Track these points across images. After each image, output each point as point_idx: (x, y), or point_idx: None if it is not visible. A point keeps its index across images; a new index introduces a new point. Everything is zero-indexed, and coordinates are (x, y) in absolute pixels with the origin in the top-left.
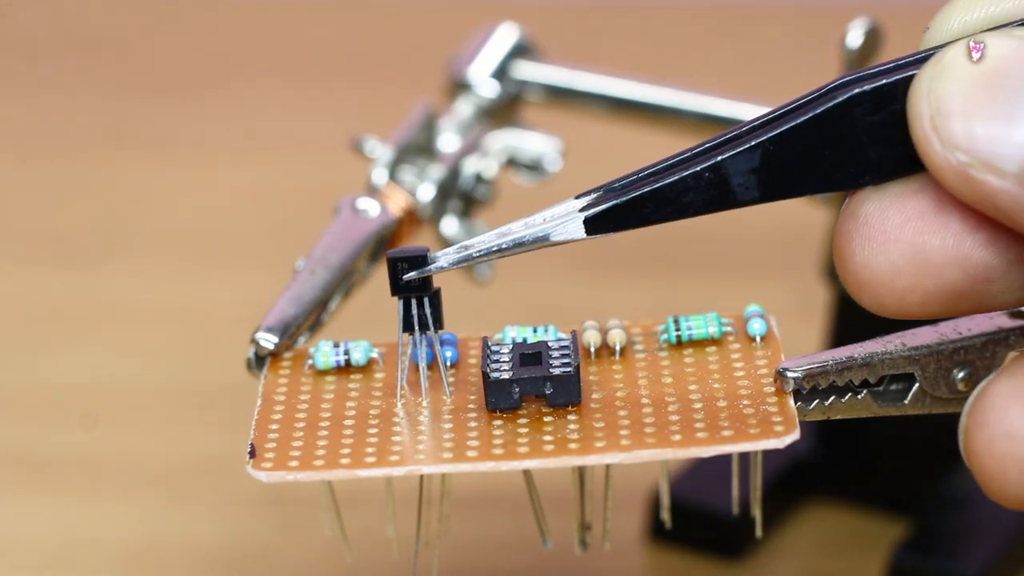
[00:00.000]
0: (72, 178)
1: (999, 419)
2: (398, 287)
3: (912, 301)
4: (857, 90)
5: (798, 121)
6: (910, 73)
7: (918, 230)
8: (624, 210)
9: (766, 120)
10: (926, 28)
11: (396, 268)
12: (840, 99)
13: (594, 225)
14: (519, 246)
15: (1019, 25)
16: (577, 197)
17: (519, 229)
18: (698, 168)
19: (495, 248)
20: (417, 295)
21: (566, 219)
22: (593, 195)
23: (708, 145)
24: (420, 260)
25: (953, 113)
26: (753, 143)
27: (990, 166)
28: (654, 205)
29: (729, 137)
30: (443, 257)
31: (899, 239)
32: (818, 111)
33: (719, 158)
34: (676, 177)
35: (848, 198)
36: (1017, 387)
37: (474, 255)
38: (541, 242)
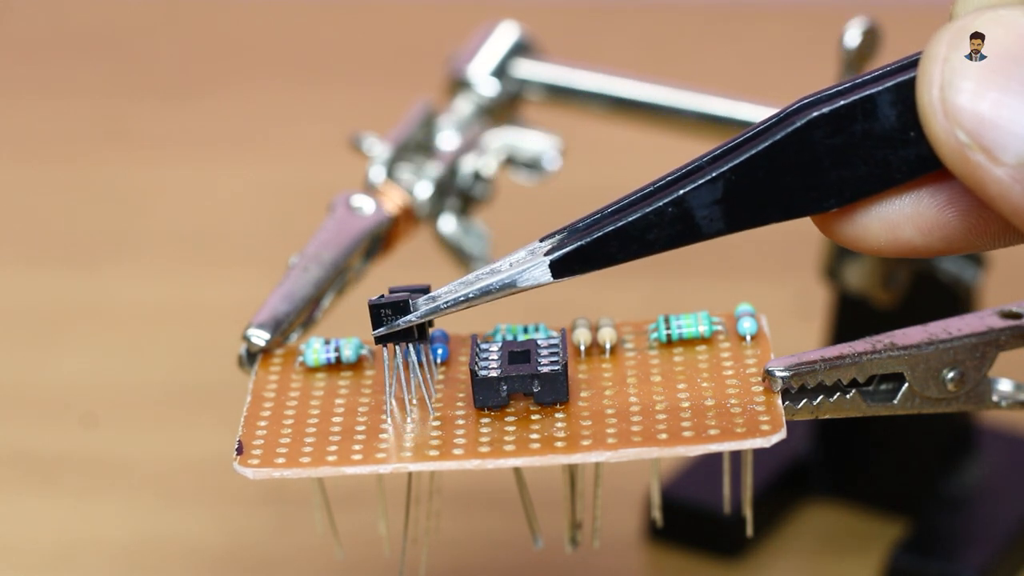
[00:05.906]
0: (72, 178)
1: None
2: (381, 336)
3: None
4: (815, 113)
5: (758, 149)
6: (868, 92)
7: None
8: (589, 251)
9: (726, 149)
10: None
11: (380, 315)
12: (798, 124)
13: (560, 268)
14: (486, 294)
15: None
16: (542, 240)
17: (486, 276)
18: (661, 203)
19: (462, 298)
20: (402, 342)
21: (532, 264)
22: (557, 237)
23: (670, 178)
24: (403, 306)
25: (963, 89)
26: (714, 174)
27: (988, 152)
28: (619, 244)
29: (690, 169)
30: (413, 312)
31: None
32: (777, 137)
33: (681, 192)
34: (639, 214)
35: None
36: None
37: (441, 306)
38: (508, 288)
